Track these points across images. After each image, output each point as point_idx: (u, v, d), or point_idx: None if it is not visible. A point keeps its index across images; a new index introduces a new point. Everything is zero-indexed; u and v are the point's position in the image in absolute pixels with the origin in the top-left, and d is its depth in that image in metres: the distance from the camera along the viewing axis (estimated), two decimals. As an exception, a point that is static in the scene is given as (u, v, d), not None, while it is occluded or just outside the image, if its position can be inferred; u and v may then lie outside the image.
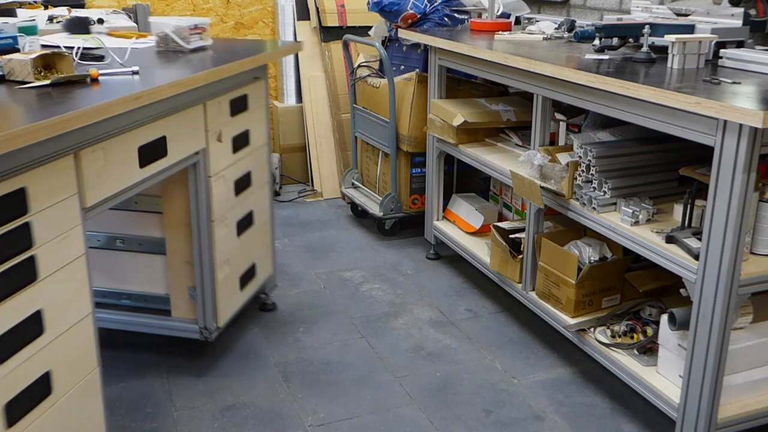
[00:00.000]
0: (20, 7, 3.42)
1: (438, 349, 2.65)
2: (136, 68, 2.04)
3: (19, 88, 1.77)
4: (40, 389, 1.57)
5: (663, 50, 2.23)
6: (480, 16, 3.32)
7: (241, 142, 2.49)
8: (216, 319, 2.42)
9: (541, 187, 2.40)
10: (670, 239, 1.99)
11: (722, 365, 1.88)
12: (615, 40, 2.42)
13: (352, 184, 3.93)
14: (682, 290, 1.98)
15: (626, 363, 2.18)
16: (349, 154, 4.14)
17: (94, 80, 1.89)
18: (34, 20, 2.35)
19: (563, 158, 2.39)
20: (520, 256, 2.64)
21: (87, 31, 2.65)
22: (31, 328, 1.53)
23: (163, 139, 2.01)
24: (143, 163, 1.93)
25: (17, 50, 2.07)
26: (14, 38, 2.10)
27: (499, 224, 2.81)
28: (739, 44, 2.27)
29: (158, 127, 1.99)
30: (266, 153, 2.71)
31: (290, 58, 4.40)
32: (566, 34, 2.88)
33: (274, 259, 2.88)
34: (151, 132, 1.96)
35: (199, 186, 2.26)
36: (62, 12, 3.45)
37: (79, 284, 1.69)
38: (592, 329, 2.35)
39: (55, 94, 1.73)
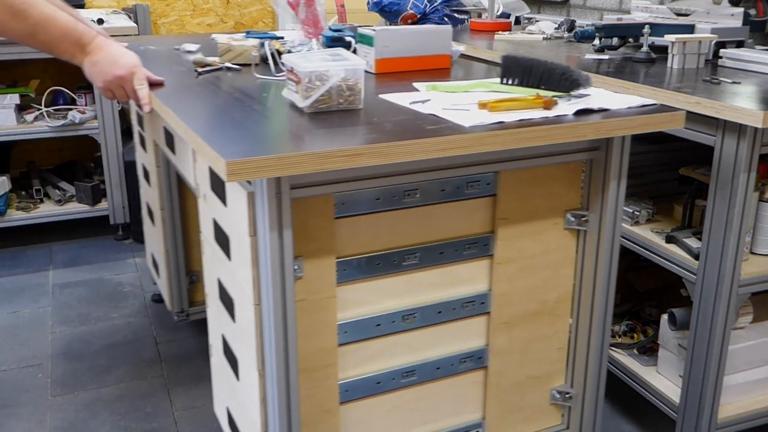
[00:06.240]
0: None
1: (438, 349, 2.64)
2: None
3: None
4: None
5: (663, 50, 2.23)
6: (480, 16, 3.33)
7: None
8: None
9: (541, 187, 2.39)
10: (670, 239, 1.99)
11: (722, 365, 1.87)
12: (615, 40, 2.42)
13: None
14: (682, 290, 1.98)
15: (626, 363, 2.18)
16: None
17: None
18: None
19: (563, 158, 2.38)
20: (520, 256, 2.63)
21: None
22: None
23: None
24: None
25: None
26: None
27: (499, 224, 2.80)
28: (739, 44, 2.27)
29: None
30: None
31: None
32: (566, 34, 2.88)
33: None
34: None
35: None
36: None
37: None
38: (592, 329, 2.35)
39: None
